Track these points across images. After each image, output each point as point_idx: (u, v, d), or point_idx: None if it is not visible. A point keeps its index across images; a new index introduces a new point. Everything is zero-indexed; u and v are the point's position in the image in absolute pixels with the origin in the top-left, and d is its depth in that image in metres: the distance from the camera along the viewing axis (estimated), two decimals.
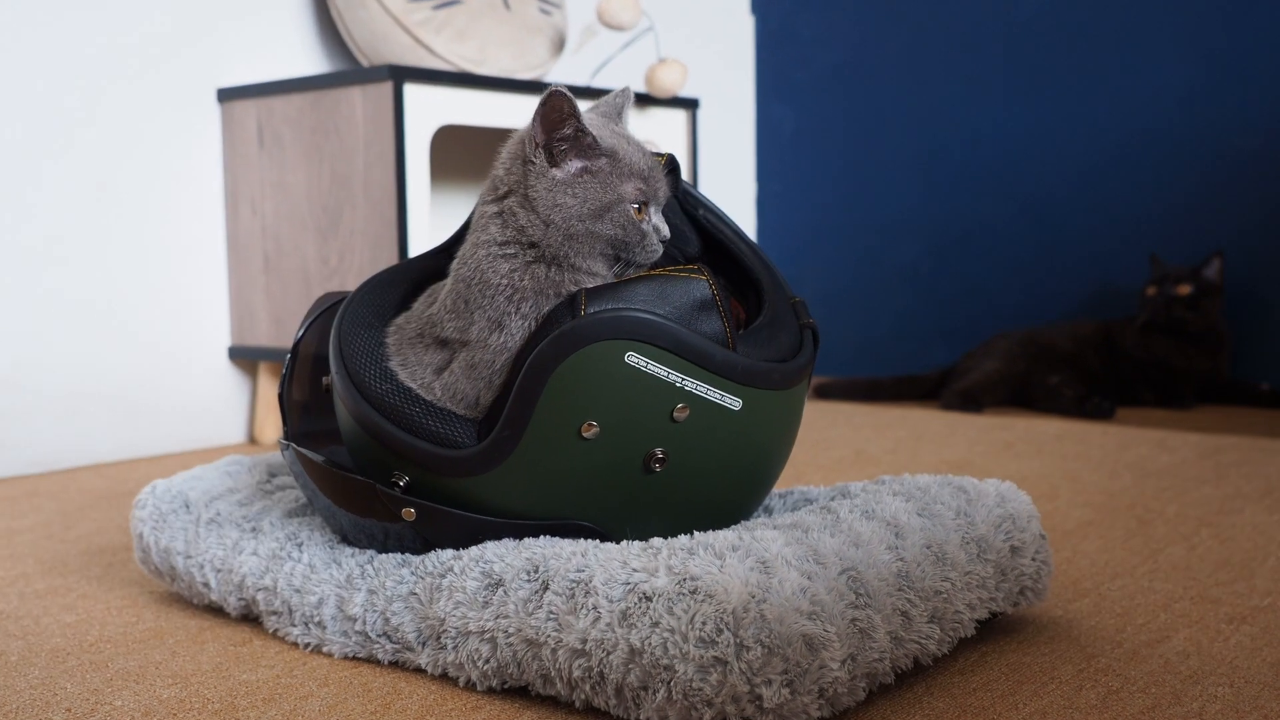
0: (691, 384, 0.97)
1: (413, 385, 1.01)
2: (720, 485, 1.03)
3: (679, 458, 0.99)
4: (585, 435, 0.96)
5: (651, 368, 0.95)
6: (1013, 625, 1.09)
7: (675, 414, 0.97)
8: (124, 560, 1.38)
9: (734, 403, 0.99)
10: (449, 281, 1.04)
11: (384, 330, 1.07)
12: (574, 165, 0.99)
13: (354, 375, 1.03)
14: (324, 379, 1.14)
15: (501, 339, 0.98)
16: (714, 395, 0.98)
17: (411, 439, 1.00)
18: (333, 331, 1.07)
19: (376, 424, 1.01)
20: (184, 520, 1.18)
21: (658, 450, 0.98)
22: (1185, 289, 2.52)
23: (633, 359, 0.95)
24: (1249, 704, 0.91)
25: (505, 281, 0.99)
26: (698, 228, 1.11)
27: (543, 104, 0.97)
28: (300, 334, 1.17)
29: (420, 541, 1.02)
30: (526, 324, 0.98)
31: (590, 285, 0.99)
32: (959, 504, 1.05)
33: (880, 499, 1.04)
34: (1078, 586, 1.22)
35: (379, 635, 1.01)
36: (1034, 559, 1.06)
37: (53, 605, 1.21)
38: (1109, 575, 1.26)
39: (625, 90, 1.10)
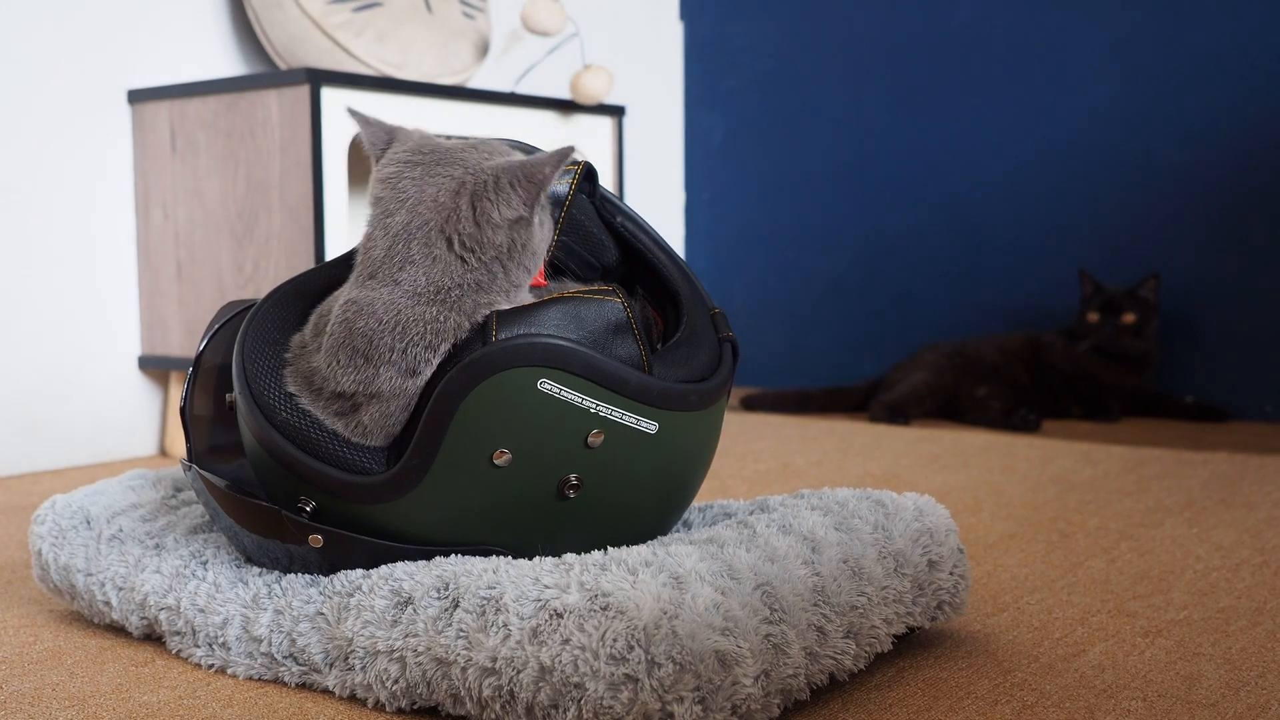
0: (606, 409, 0.95)
1: (320, 416, 0.98)
2: (636, 507, 1.01)
3: (594, 483, 0.97)
4: (497, 463, 0.94)
5: (565, 394, 0.93)
6: (930, 640, 1.09)
7: (590, 440, 0.95)
8: (23, 578, 1.33)
9: (650, 426, 0.97)
10: (333, 326, 0.97)
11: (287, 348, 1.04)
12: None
13: (257, 396, 0.99)
14: (228, 395, 1.10)
15: (416, 381, 0.95)
16: (629, 420, 0.96)
17: (318, 464, 0.96)
18: (236, 347, 1.03)
19: (281, 447, 0.97)
20: (85, 536, 1.14)
21: (572, 476, 0.96)
22: (1130, 317, 2.55)
23: (545, 386, 0.93)
24: (1161, 718, 0.91)
25: (427, 328, 0.95)
26: (616, 236, 1.09)
27: (559, 162, 0.96)
28: (202, 346, 1.12)
29: (326, 565, 0.99)
30: (440, 357, 0.95)
31: (513, 298, 0.97)
32: (877, 518, 1.04)
33: (798, 513, 1.03)
34: (997, 600, 1.22)
35: (285, 657, 0.98)
36: (951, 573, 1.05)
37: None
38: (1028, 589, 1.26)
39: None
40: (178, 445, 2.14)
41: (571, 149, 0.95)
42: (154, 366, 2.14)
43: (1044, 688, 0.97)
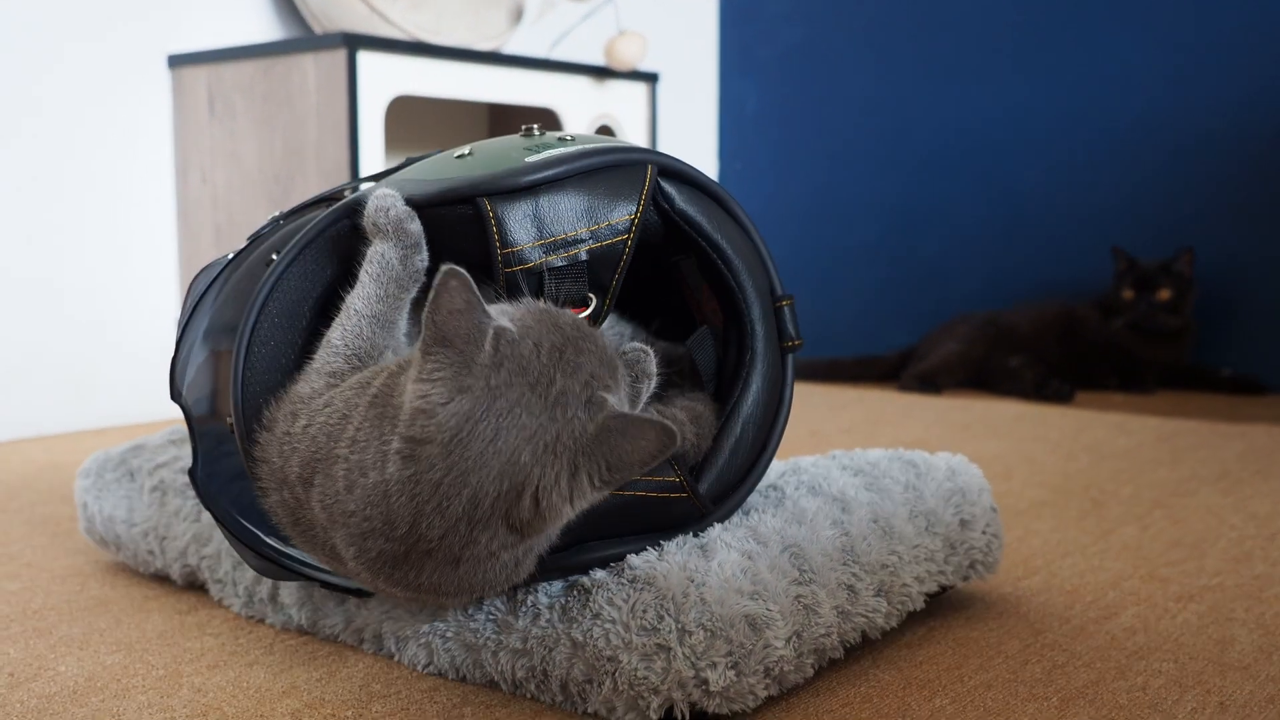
0: None
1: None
2: None
3: None
4: None
5: None
6: (962, 601, 1.09)
7: None
8: (69, 530, 1.35)
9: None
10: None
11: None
12: None
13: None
14: (227, 418, 0.93)
15: None
16: None
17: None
18: (233, 381, 0.89)
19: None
20: (128, 489, 1.16)
21: None
22: (1165, 293, 2.53)
23: None
24: (1192, 679, 0.91)
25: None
26: (669, 225, 0.95)
27: (655, 459, 0.77)
28: (182, 328, 0.98)
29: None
30: None
31: None
32: (908, 478, 1.04)
33: (829, 474, 1.04)
34: (1028, 564, 1.22)
35: (312, 627, 0.99)
36: (984, 532, 1.06)
37: None
38: (1060, 554, 1.26)
39: None
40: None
41: (673, 440, 0.75)
42: None
43: (1074, 648, 0.98)
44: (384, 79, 1.94)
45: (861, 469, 1.06)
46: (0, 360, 1.97)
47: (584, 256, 0.88)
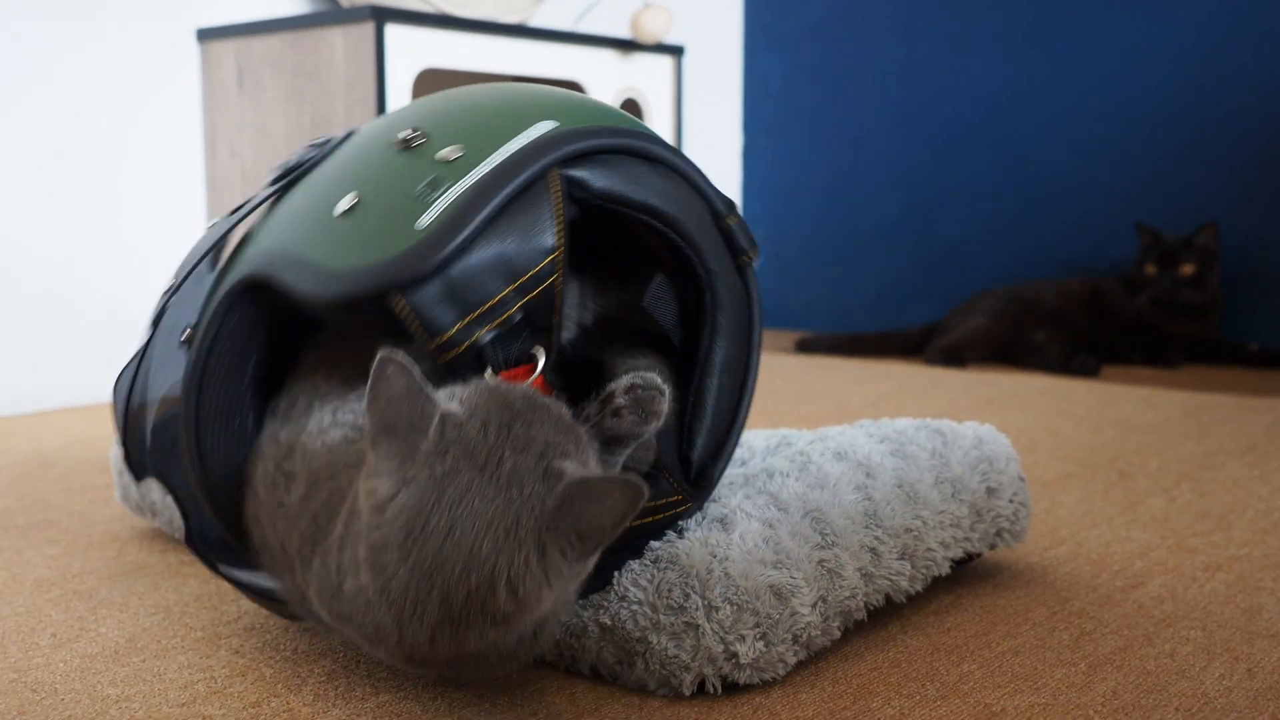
0: None
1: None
2: None
3: None
4: None
5: None
6: (989, 570, 1.10)
7: None
8: (105, 498, 1.37)
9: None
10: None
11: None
12: None
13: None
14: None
15: None
16: None
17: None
18: (185, 434, 0.85)
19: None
20: None
21: None
22: (1189, 269, 2.51)
23: None
24: (1220, 646, 0.92)
25: None
26: (591, 210, 0.85)
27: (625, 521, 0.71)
28: (122, 418, 0.93)
29: None
30: None
31: None
32: (934, 445, 1.05)
33: (855, 441, 1.04)
34: (1055, 535, 1.22)
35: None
36: (1011, 500, 1.06)
37: (35, 538, 1.21)
38: (1087, 525, 1.26)
39: None
40: None
41: (640, 495, 0.68)
42: None
43: (1102, 616, 0.98)
44: (411, 52, 1.95)
45: (888, 436, 1.06)
46: (35, 333, 1.99)
47: (518, 317, 0.79)
